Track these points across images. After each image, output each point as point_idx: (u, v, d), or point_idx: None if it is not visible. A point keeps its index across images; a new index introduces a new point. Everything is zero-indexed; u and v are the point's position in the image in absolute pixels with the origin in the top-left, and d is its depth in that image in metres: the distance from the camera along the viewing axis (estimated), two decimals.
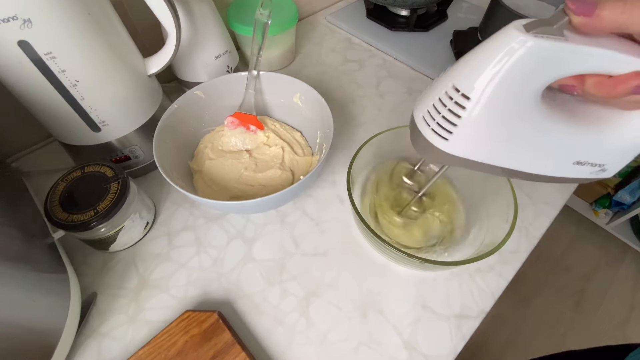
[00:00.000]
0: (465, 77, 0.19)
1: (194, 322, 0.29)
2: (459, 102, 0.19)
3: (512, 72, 0.17)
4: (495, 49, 0.17)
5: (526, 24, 0.17)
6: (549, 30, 0.16)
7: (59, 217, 0.29)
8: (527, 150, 0.21)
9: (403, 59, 0.55)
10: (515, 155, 0.21)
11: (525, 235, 0.36)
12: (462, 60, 0.19)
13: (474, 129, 0.19)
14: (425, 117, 0.21)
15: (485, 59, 0.18)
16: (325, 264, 0.33)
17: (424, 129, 0.21)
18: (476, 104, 0.18)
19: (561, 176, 0.23)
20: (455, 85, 0.19)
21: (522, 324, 1.08)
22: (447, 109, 0.19)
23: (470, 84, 0.18)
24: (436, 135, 0.21)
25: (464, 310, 0.31)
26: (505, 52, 0.17)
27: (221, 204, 0.30)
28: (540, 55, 0.17)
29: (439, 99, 0.20)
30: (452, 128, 0.20)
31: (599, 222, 1.21)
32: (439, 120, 0.20)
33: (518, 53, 0.17)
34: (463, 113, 0.19)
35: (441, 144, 0.21)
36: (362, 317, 0.30)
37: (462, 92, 0.18)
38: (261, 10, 0.38)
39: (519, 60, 0.17)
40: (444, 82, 0.20)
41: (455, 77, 0.19)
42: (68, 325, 0.27)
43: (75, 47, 0.28)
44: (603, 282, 1.16)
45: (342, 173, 0.41)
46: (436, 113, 0.20)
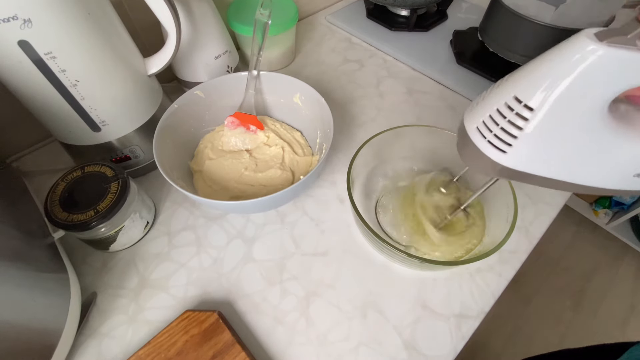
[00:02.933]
0: (529, 87, 0.18)
1: (194, 322, 0.29)
2: (520, 114, 0.18)
3: (581, 82, 0.16)
4: (564, 58, 0.17)
5: (597, 33, 0.16)
6: (622, 40, 0.16)
7: (59, 217, 0.29)
8: (588, 163, 0.20)
9: (403, 59, 0.55)
10: (576, 168, 0.20)
11: (525, 235, 0.36)
12: (524, 70, 0.19)
13: (536, 142, 0.19)
14: (480, 128, 0.20)
15: (552, 68, 0.17)
16: (325, 264, 0.33)
17: (479, 140, 0.20)
18: (539, 115, 0.18)
19: (621, 189, 0.22)
20: (517, 95, 0.18)
21: (522, 323, 1.08)
22: (506, 121, 0.19)
23: (533, 94, 0.17)
24: (493, 147, 0.20)
25: (464, 310, 0.31)
26: (575, 61, 0.16)
27: (221, 204, 0.30)
28: (612, 65, 0.16)
29: (497, 109, 0.19)
30: (511, 140, 0.19)
31: (599, 222, 1.21)
32: (496, 132, 0.19)
33: (589, 62, 0.16)
34: (524, 125, 0.18)
35: (498, 156, 0.20)
36: (362, 317, 0.30)
37: (524, 103, 0.18)
38: (261, 10, 0.38)
39: (590, 69, 0.16)
40: (503, 92, 0.19)
41: (517, 87, 0.18)
42: (68, 324, 0.27)
43: (75, 47, 0.28)
44: (603, 282, 1.16)
45: (342, 173, 0.41)
46: (494, 124, 0.19)
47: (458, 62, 0.53)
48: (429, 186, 0.34)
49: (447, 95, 0.50)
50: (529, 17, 0.43)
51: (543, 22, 0.42)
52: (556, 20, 0.41)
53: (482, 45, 0.53)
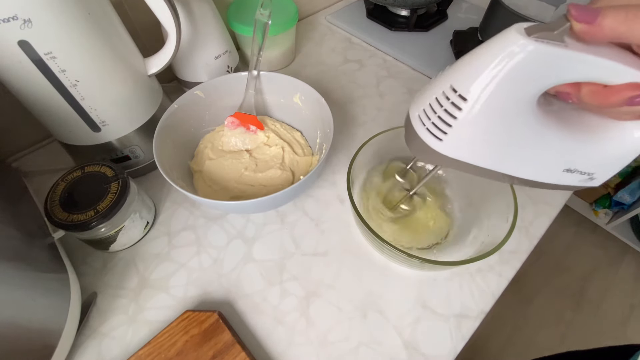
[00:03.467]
0: (464, 78, 0.18)
1: (194, 322, 0.29)
2: (455, 103, 0.19)
3: (511, 75, 0.17)
4: (496, 51, 0.17)
5: (528, 28, 0.17)
6: (550, 36, 0.16)
7: (59, 217, 0.29)
8: (519, 155, 0.21)
9: (403, 59, 0.55)
10: (507, 159, 0.21)
11: (525, 235, 0.36)
12: (461, 61, 0.19)
13: (469, 131, 0.19)
14: (421, 116, 0.21)
15: (485, 61, 0.18)
16: (325, 264, 0.33)
17: (419, 128, 0.21)
18: (472, 105, 0.18)
19: (550, 182, 0.23)
20: (453, 85, 0.19)
21: (523, 323, 1.08)
22: (443, 109, 0.19)
23: (467, 85, 0.18)
24: (431, 135, 0.20)
25: (464, 310, 0.31)
26: (505, 55, 0.17)
27: (221, 204, 0.30)
28: (539, 60, 0.17)
29: (436, 98, 0.20)
30: (447, 129, 0.20)
31: (599, 222, 1.21)
32: (434, 120, 0.20)
33: (518, 56, 0.16)
34: (459, 114, 0.19)
35: (435, 144, 0.21)
36: (362, 317, 0.30)
37: (459, 93, 0.18)
38: (261, 11, 0.38)
39: (519, 63, 0.17)
40: (442, 82, 0.20)
41: (454, 78, 0.19)
42: (68, 325, 0.27)
43: (75, 47, 0.28)
44: (603, 282, 1.16)
45: (342, 173, 0.41)
46: (432, 113, 0.20)
47: None
48: (385, 174, 0.35)
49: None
50: (529, 17, 0.43)
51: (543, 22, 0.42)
52: None
53: None
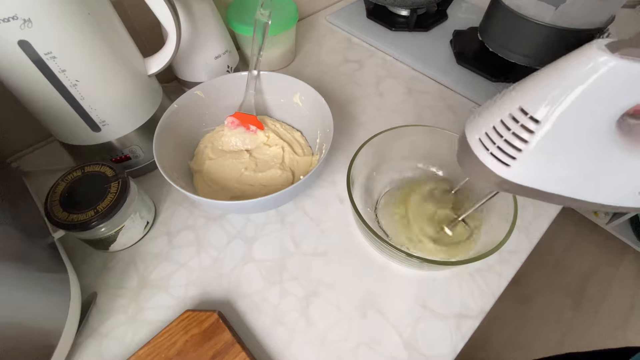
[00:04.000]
0: (535, 99, 0.17)
1: (194, 322, 0.29)
2: (526, 126, 0.17)
3: (591, 94, 0.16)
4: (574, 69, 0.16)
5: (609, 44, 0.16)
6: (635, 52, 0.15)
7: (59, 217, 0.29)
8: (594, 179, 0.19)
9: (403, 59, 0.55)
10: (580, 184, 0.19)
11: (525, 235, 0.36)
12: (531, 80, 0.18)
13: (541, 156, 0.18)
14: (483, 140, 0.19)
15: (561, 79, 0.16)
16: (325, 264, 0.33)
17: (481, 152, 0.19)
18: (546, 128, 0.17)
19: (625, 206, 0.21)
20: (523, 107, 0.17)
21: (522, 323, 1.08)
22: (511, 133, 0.18)
23: (540, 106, 0.17)
24: (495, 160, 0.19)
25: (464, 310, 0.31)
26: (585, 72, 0.16)
27: (221, 204, 0.30)
28: (623, 77, 0.15)
29: (501, 121, 0.18)
30: (515, 154, 0.18)
31: (599, 222, 1.21)
32: (500, 145, 0.18)
33: (600, 73, 0.15)
34: (530, 138, 0.17)
35: (501, 170, 0.19)
36: (361, 317, 0.30)
37: (530, 115, 0.17)
38: (261, 11, 0.38)
39: (600, 81, 0.15)
40: (508, 103, 0.18)
41: (523, 98, 0.17)
42: (68, 325, 0.27)
43: (75, 46, 0.28)
44: (603, 282, 1.16)
45: (342, 173, 0.41)
46: (497, 136, 0.18)
47: (458, 62, 0.53)
48: (426, 196, 0.34)
49: (447, 95, 0.50)
50: (529, 17, 0.43)
51: (543, 22, 0.42)
52: (556, 20, 0.41)
53: (482, 45, 0.52)
